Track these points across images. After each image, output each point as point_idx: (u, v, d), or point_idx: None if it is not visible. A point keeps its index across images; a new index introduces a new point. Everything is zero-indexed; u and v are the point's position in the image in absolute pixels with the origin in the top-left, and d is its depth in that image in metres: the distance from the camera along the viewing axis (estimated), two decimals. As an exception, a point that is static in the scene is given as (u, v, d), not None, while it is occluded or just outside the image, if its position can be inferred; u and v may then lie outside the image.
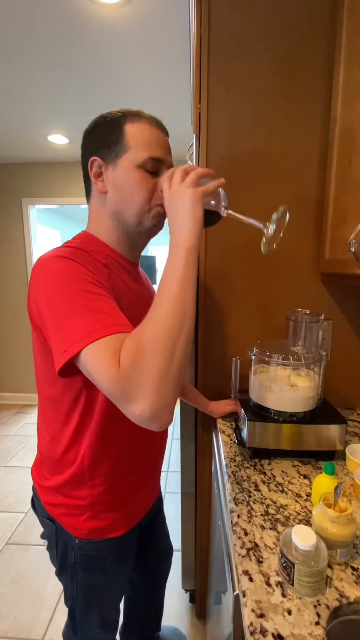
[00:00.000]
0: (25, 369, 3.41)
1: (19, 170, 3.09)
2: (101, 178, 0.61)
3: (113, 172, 0.60)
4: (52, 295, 0.50)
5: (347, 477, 0.76)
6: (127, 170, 0.59)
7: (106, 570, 0.73)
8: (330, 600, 0.48)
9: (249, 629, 0.44)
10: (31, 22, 1.33)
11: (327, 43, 0.93)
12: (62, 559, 0.71)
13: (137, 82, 1.78)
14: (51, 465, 0.68)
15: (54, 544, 0.71)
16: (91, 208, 0.67)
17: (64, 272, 0.51)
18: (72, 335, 0.47)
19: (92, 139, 0.62)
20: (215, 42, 0.95)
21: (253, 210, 1.04)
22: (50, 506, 0.69)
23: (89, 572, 0.71)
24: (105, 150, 0.60)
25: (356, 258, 0.72)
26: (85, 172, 0.65)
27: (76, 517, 0.67)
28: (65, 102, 1.98)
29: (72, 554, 0.69)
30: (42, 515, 0.72)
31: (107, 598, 0.77)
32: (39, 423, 0.70)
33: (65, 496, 0.67)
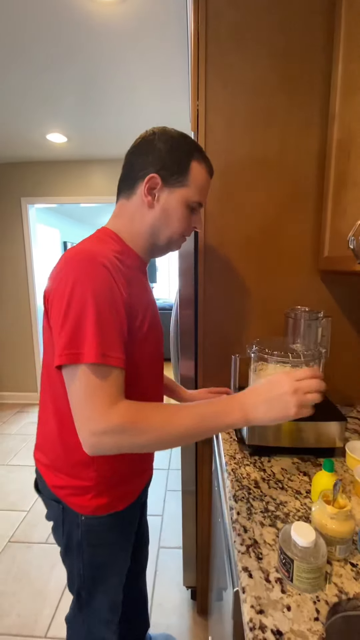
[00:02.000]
0: (25, 368, 3.42)
1: (18, 170, 3.08)
2: (153, 194, 0.66)
3: (166, 197, 0.67)
4: (82, 297, 0.54)
5: (346, 474, 0.76)
6: (178, 202, 0.67)
7: (111, 545, 0.76)
8: (330, 596, 0.48)
9: (248, 625, 0.44)
10: (29, 20, 1.33)
11: (325, 39, 0.93)
12: (69, 537, 0.74)
13: (136, 80, 1.77)
14: (57, 449, 0.70)
15: (60, 524, 0.74)
16: (126, 209, 0.70)
17: (100, 283, 0.56)
18: (83, 344, 0.53)
19: (159, 155, 0.65)
20: (213, 39, 0.95)
21: (252, 206, 1.03)
22: (57, 488, 0.71)
23: (95, 547, 0.74)
24: (167, 174, 0.65)
25: (355, 255, 0.72)
26: (133, 174, 0.67)
27: (82, 496, 0.70)
28: (63, 100, 1.97)
29: (79, 531, 0.72)
30: (47, 497, 0.75)
31: (112, 575, 0.80)
32: (44, 409, 0.72)
33: (72, 478, 0.69)
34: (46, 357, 0.66)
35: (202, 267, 1.07)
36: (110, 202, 3.10)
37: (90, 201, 3.10)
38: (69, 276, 0.55)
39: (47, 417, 0.70)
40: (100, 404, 0.53)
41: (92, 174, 3.04)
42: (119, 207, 0.71)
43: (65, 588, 1.47)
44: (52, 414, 0.69)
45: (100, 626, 0.82)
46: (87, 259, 0.57)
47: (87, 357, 0.52)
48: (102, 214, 5.78)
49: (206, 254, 1.06)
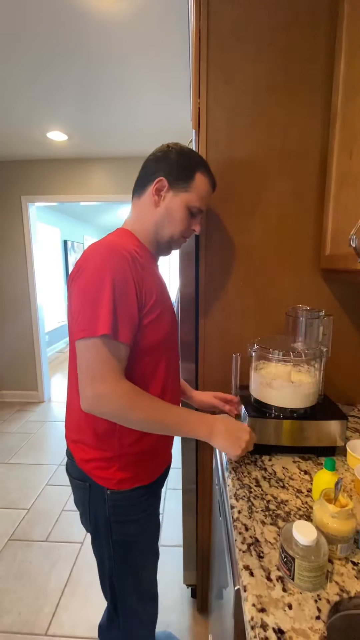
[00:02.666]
0: (26, 367, 3.42)
1: (18, 168, 3.07)
2: (160, 195, 0.76)
3: (171, 198, 0.76)
4: (102, 281, 0.63)
5: (347, 473, 0.76)
6: (180, 204, 0.77)
7: (138, 522, 0.80)
8: (331, 595, 0.48)
9: (249, 623, 0.44)
10: (29, 18, 1.32)
11: (327, 36, 0.92)
12: (96, 517, 0.78)
13: (136, 77, 1.76)
14: (81, 422, 0.75)
15: (87, 503, 0.78)
16: (137, 207, 0.80)
17: (118, 270, 0.65)
18: (98, 320, 0.62)
19: (169, 162, 0.75)
20: (214, 36, 0.94)
21: (253, 205, 1.03)
22: (83, 462, 0.76)
23: (123, 525, 0.78)
24: (173, 179, 0.75)
25: (357, 253, 0.72)
26: (146, 177, 0.78)
27: (107, 469, 0.74)
28: (63, 98, 1.97)
29: (105, 507, 0.75)
30: (76, 477, 0.79)
31: (141, 559, 0.83)
32: (71, 386, 0.78)
33: (97, 449, 0.74)
34: (72, 337, 0.71)
35: (203, 266, 1.07)
36: (111, 201, 3.10)
37: (91, 199, 3.10)
38: (92, 263, 0.65)
39: (72, 393, 0.76)
40: (108, 371, 0.63)
41: (92, 173, 3.04)
42: (133, 206, 0.82)
43: (66, 586, 1.47)
44: (75, 390, 0.74)
45: (140, 629, 0.87)
46: (109, 249, 0.66)
47: (100, 330, 0.61)
48: (102, 212, 5.77)
49: (207, 253, 1.06)
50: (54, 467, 2.35)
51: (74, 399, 0.76)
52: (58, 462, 2.40)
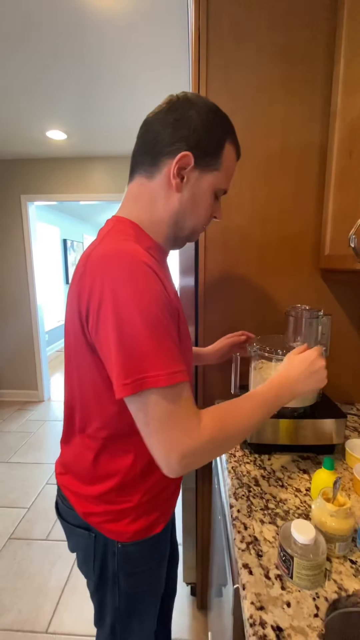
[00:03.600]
0: (25, 366, 3.42)
1: (17, 167, 3.07)
2: (182, 175, 0.56)
3: (196, 181, 0.57)
4: (129, 309, 0.46)
5: (346, 472, 0.77)
6: (207, 188, 0.59)
7: (149, 572, 0.70)
8: (329, 593, 0.48)
9: (248, 621, 0.45)
10: (28, 15, 1.32)
11: (327, 36, 0.92)
12: (102, 569, 0.66)
13: (136, 76, 1.76)
14: (94, 474, 0.63)
15: (91, 555, 0.66)
16: (146, 190, 0.59)
17: (146, 287, 0.47)
18: (146, 367, 0.46)
19: (194, 128, 0.54)
20: (213, 35, 0.94)
21: (252, 204, 1.03)
22: (90, 516, 0.64)
23: (132, 577, 0.67)
24: (201, 154, 0.56)
25: (356, 253, 0.72)
26: (157, 147, 0.56)
27: (118, 522, 0.62)
28: (63, 96, 1.96)
29: (114, 561, 0.65)
30: (75, 525, 0.66)
31: (149, 605, 0.74)
32: (76, 437, 0.64)
33: (109, 503, 0.62)
34: (80, 371, 0.57)
35: (203, 266, 1.07)
36: (111, 200, 3.10)
37: (91, 199, 3.09)
38: (109, 284, 0.47)
39: (80, 444, 0.63)
40: (186, 424, 0.49)
41: (92, 172, 3.03)
42: (137, 187, 0.60)
43: (66, 584, 1.48)
44: (89, 442, 0.62)
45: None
46: (128, 262, 0.48)
47: (155, 382, 0.46)
48: (102, 211, 5.77)
49: (207, 253, 1.06)
50: (54, 466, 2.35)
51: (81, 447, 0.62)
52: (58, 461, 2.41)
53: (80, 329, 0.53)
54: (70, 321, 0.56)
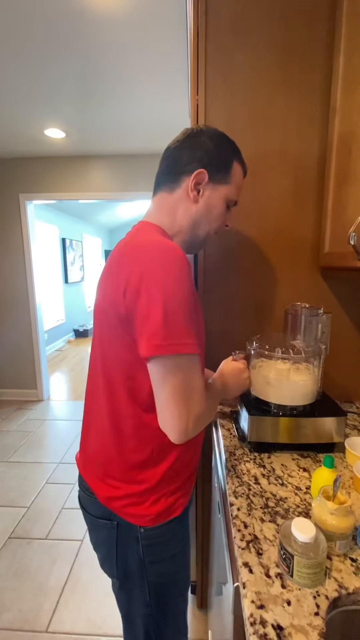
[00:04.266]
0: (25, 365, 3.42)
1: (16, 166, 3.06)
2: (198, 189, 0.67)
3: (210, 192, 0.68)
4: (170, 287, 0.54)
5: (346, 470, 0.77)
6: (219, 198, 0.69)
7: (174, 559, 0.71)
8: (330, 591, 0.48)
9: (249, 619, 0.44)
10: (26, 13, 1.31)
11: (326, 32, 0.92)
12: (126, 559, 0.68)
13: (135, 74, 1.75)
14: (113, 455, 0.66)
15: (114, 545, 0.68)
16: (168, 202, 0.69)
17: (180, 269, 0.55)
18: (183, 335, 0.54)
19: (206, 151, 0.66)
20: (212, 32, 0.94)
21: (253, 202, 1.03)
22: (112, 500, 0.67)
23: (158, 564, 0.69)
24: (214, 170, 0.67)
25: (356, 251, 0.72)
26: (177, 168, 0.68)
27: (140, 505, 0.65)
28: (61, 95, 1.95)
29: (139, 547, 0.67)
30: (97, 516, 0.69)
31: (177, 597, 0.74)
32: (97, 416, 0.68)
33: (129, 483, 0.66)
34: (106, 356, 0.64)
35: (202, 264, 1.07)
36: (110, 199, 3.09)
37: (90, 197, 3.08)
38: (154, 266, 0.55)
39: (100, 423, 0.67)
40: (201, 389, 0.59)
41: (91, 170, 3.02)
42: (160, 200, 0.70)
43: (66, 583, 1.48)
44: (107, 419, 0.66)
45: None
46: (167, 249, 0.57)
47: (189, 348, 0.55)
48: (101, 210, 5.76)
49: (206, 251, 1.06)
50: (54, 465, 2.36)
51: (101, 427, 0.67)
52: (57, 461, 2.41)
53: (115, 312, 0.58)
54: (104, 308, 0.62)
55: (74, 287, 6.11)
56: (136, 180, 3.00)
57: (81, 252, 6.25)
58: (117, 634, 1.27)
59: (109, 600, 1.41)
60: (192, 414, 0.56)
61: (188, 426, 0.56)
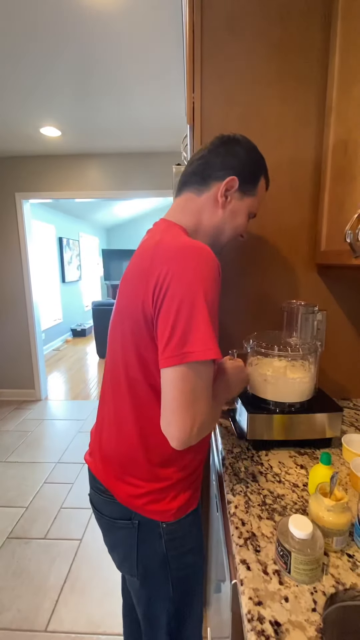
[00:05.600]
0: (23, 365, 3.41)
1: (12, 164, 3.04)
2: (227, 196, 0.68)
3: (237, 201, 0.69)
4: (197, 296, 0.54)
5: (343, 467, 0.77)
6: (244, 209, 0.71)
7: (193, 551, 0.72)
8: (327, 587, 0.48)
9: (247, 616, 0.45)
10: (21, 12, 1.30)
11: (322, 30, 0.92)
12: (148, 557, 0.68)
13: (131, 72, 1.74)
14: (136, 454, 0.66)
15: (134, 545, 0.68)
16: (194, 204, 0.69)
17: (211, 275, 0.56)
18: (194, 343, 0.54)
19: (240, 161, 0.68)
20: (208, 29, 0.94)
21: (248, 201, 1.03)
22: (132, 498, 0.67)
23: (181, 558, 0.70)
24: (244, 181, 0.68)
25: (352, 249, 0.72)
26: (209, 171, 0.68)
27: (161, 501, 0.66)
28: (56, 93, 1.94)
29: (161, 543, 0.67)
30: (116, 517, 0.69)
31: (197, 588, 0.76)
32: (118, 415, 0.68)
33: (151, 481, 0.66)
34: (128, 356, 0.63)
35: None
36: (107, 197, 3.08)
37: (86, 196, 3.07)
38: (185, 268, 0.55)
39: (122, 424, 0.67)
40: (209, 395, 0.58)
41: (87, 169, 3.01)
42: (185, 200, 0.70)
43: (65, 582, 1.48)
44: (131, 420, 0.66)
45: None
46: (199, 251, 0.57)
47: (206, 354, 0.54)
48: (98, 209, 5.74)
49: (203, 249, 1.06)
50: (52, 464, 2.35)
51: (123, 426, 0.67)
52: (56, 460, 2.41)
53: (142, 311, 0.58)
54: (128, 305, 0.62)
55: (71, 287, 6.09)
56: (133, 179, 3.00)
57: (78, 251, 6.23)
58: (116, 632, 1.27)
59: (108, 598, 1.41)
60: (197, 421, 0.55)
61: (192, 433, 0.55)
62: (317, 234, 1.00)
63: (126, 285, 0.64)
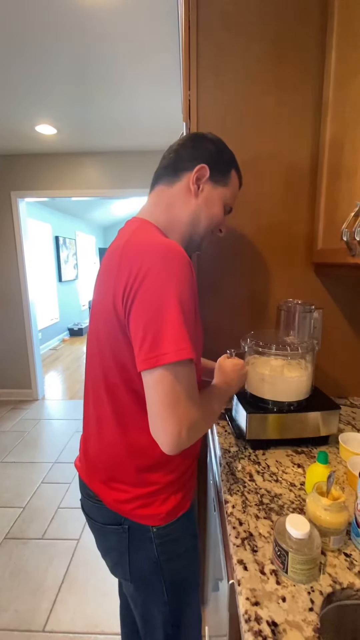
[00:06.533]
0: (19, 364, 3.39)
1: (7, 163, 3.02)
2: (199, 184, 0.68)
3: (210, 189, 0.69)
4: (169, 297, 0.52)
5: (340, 466, 0.77)
6: (218, 199, 0.71)
7: (186, 553, 0.71)
8: (324, 587, 0.48)
9: (244, 617, 0.44)
10: (16, 9, 1.29)
11: (319, 26, 0.91)
12: (140, 562, 0.68)
13: (127, 70, 1.73)
14: (121, 458, 0.65)
15: (125, 550, 0.67)
16: (165, 195, 0.69)
17: (182, 273, 0.54)
18: (164, 345, 0.52)
19: (209, 152, 0.68)
20: (204, 26, 0.93)
21: (243, 198, 1.02)
22: (121, 503, 0.66)
23: (173, 561, 0.69)
24: (214, 170, 0.68)
25: (349, 247, 0.72)
26: (179, 164, 0.69)
27: (150, 506, 0.65)
28: (51, 90, 1.93)
29: (152, 547, 0.66)
30: (106, 522, 0.68)
31: (192, 592, 0.75)
32: (100, 420, 0.67)
33: (138, 486, 0.65)
34: (105, 358, 0.62)
35: (195, 262, 1.06)
36: (103, 196, 3.06)
37: (83, 194, 3.05)
38: (149, 268, 0.53)
39: (104, 427, 0.66)
40: (194, 396, 0.56)
41: (84, 167, 2.99)
42: (157, 194, 0.70)
43: (63, 583, 1.48)
44: (112, 423, 0.65)
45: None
46: (168, 249, 0.55)
47: (180, 354, 0.52)
48: (95, 207, 5.71)
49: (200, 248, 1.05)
50: (49, 464, 2.35)
51: (106, 431, 0.66)
52: (53, 460, 2.40)
53: (114, 313, 0.57)
54: (101, 309, 0.61)
55: (68, 286, 6.07)
56: (129, 177, 2.98)
57: (75, 250, 6.20)
58: (114, 632, 1.27)
59: (106, 598, 1.41)
60: (184, 424, 0.53)
61: (181, 437, 0.53)
62: (314, 233, 1.00)
63: (98, 289, 0.63)
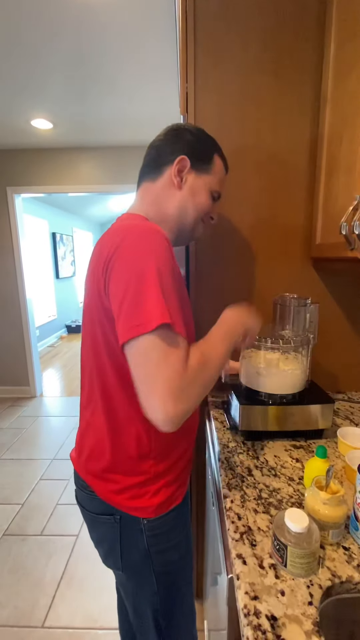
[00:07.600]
0: (17, 361, 3.38)
1: (2, 158, 2.98)
2: (182, 176, 0.69)
3: (194, 179, 0.69)
4: (145, 269, 0.52)
5: (338, 460, 0.77)
6: (203, 187, 0.70)
7: (178, 547, 0.72)
8: (323, 580, 0.48)
9: (243, 611, 0.44)
10: (10, 3, 1.26)
11: (317, 19, 0.90)
12: (132, 552, 0.68)
13: (123, 63, 1.71)
14: (108, 447, 0.65)
15: (117, 539, 0.68)
16: (151, 190, 0.70)
17: (163, 254, 0.54)
18: (147, 313, 0.51)
19: (187, 143, 0.69)
20: (201, 18, 0.91)
21: (243, 193, 1.02)
22: (111, 494, 0.66)
23: (164, 553, 0.69)
24: (195, 159, 0.69)
25: (347, 241, 0.71)
26: (160, 159, 0.69)
27: (141, 497, 0.65)
28: (47, 84, 1.90)
29: (143, 539, 0.67)
30: (98, 512, 0.69)
31: (184, 585, 0.76)
32: (91, 409, 0.67)
33: (129, 476, 0.65)
34: (96, 347, 0.62)
35: (193, 254, 1.05)
36: (100, 191, 3.04)
37: (80, 190, 3.03)
38: (133, 248, 0.54)
39: (96, 418, 0.67)
40: (178, 361, 0.52)
41: (80, 162, 2.97)
42: (143, 190, 0.72)
43: (62, 578, 1.48)
44: (101, 410, 0.65)
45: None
46: (149, 231, 0.56)
47: (158, 320, 0.50)
48: (92, 203, 5.68)
49: (197, 243, 1.05)
50: (48, 461, 2.35)
51: (95, 420, 0.67)
52: (51, 457, 2.40)
53: (98, 296, 0.58)
54: (90, 297, 0.62)
55: (65, 283, 6.04)
56: (127, 172, 2.96)
57: (72, 247, 6.17)
58: (113, 627, 1.27)
59: (105, 593, 1.41)
60: (172, 395, 0.50)
61: (167, 408, 0.50)
62: (313, 227, 0.99)
63: (86, 279, 0.65)
